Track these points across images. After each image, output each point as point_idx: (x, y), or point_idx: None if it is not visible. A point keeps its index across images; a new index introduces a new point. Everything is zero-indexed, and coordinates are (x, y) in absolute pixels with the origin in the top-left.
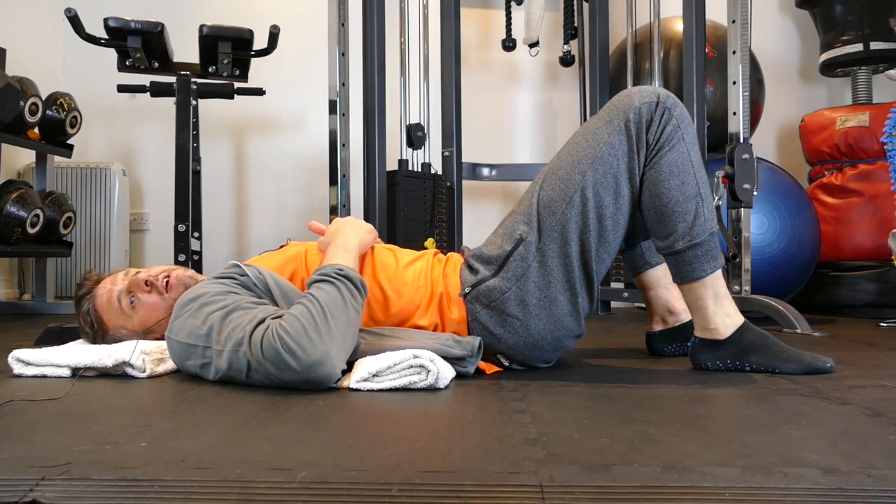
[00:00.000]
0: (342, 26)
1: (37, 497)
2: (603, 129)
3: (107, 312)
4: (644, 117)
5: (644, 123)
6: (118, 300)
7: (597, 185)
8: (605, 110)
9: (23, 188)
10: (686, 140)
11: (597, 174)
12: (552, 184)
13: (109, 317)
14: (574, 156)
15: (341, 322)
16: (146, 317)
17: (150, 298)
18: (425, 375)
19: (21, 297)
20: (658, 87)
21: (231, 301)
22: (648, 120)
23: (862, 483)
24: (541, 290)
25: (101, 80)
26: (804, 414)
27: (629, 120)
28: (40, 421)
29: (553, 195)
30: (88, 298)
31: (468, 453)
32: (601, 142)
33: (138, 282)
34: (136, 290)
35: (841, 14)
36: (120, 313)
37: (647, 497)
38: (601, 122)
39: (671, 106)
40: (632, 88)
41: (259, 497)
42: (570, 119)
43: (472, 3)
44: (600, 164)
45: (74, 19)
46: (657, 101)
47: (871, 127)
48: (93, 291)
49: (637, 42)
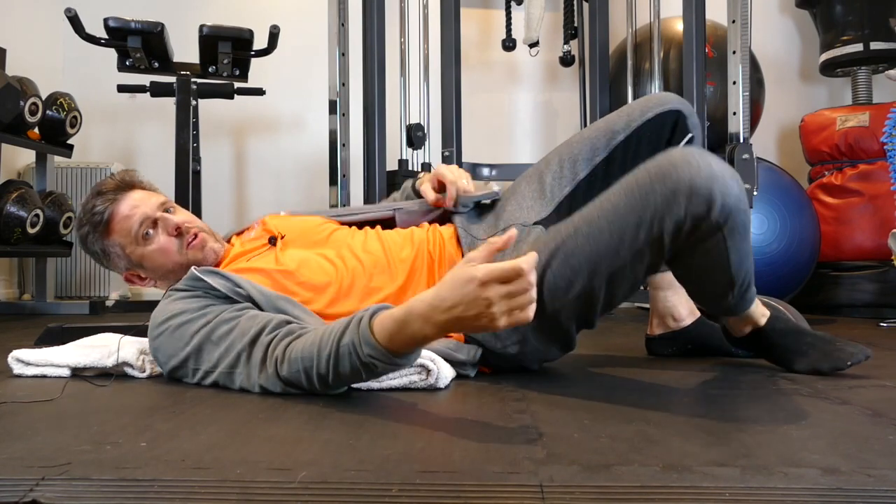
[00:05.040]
0: (342, 26)
1: (37, 497)
2: (631, 226)
3: (120, 223)
4: (686, 227)
5: (684, 233)
6: (138, 222)
7: (612, 285)
8: (641, 189)
9: (23, 188)
10: (730, 247)
11: (614, 277)
12: (562, 271)
13: (119, 228)
14: (592, 245)
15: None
16: (150, 257)
17: (168, 244)
18: (425, 375)
19: (21, 297)
20: (717, 169)
21: (212, 317)
22: (689, 230)
23: (862, 483)
24: (537, 340)
25: (101, 80)
26: (804, 414)
27: (664, 230)
28: (40, 421)
29: (560, 284)
30: (111, 199)
31: (468, 453)
32: (625, 246)
33: (169, 222)
34: (161, 226)
35: (841, 14)
36: (129, 234)
37: (647, 497)
38: (632, 210)
39: (725, 218)
40: (682, 161)
41: (259, 497)
42: (570, 119)
43: (472, 3)
44: (620, 272)
45: (74, 19)
46: (707, 212)
47: (871, 127)
48: (119, 196)
49: (637, 42)
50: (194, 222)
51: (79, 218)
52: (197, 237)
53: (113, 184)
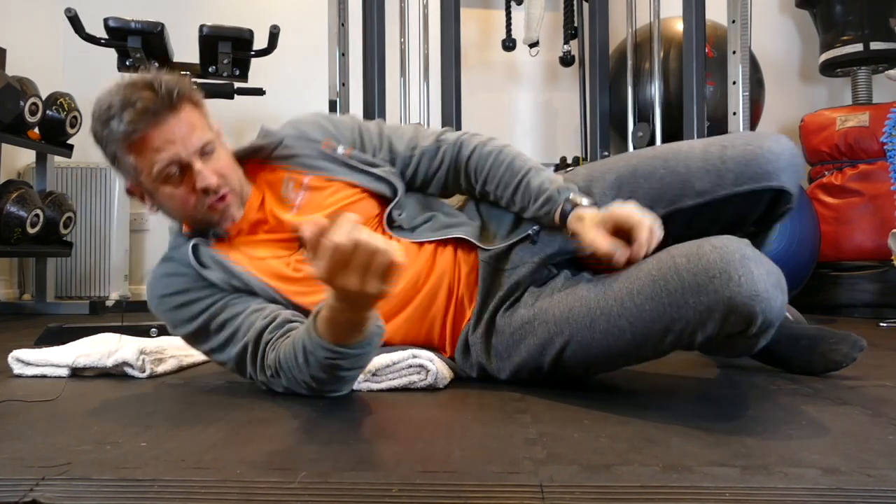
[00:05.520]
0: (342, 26)
1: (37, 497)
2: (657, 332)
3: (146, 152)
4: (719, 337)
5: (716, 340)
6: (166, 162)
7: (631, 362)
8: (671, 298)
9: (23, 188)
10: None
11: (633, 360)
12: (578, 357)
13: (143, 155)
14: (611, 341)
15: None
16: (163, 197)
17: (188, 198)
18: (424, 375)
19: (21, 297)
20: (761, 284)
21: (213, 303)
22: (722, 339)
23: (862, 483)
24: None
25: (101, 81)
26: (804, 414)
27: (694, 340)
28: (40, 421)
29: (577, 367)
30: (149, 118)
31: (468, 453)
32: (648, 346)
33: (200, 178)
34: (189, 177)
35: (841, 14)
36: (150, 167)
37: (647, 497)
38: (659, 318)
39: (763, 331)
40: (721, 271)
41: (259, 497)
42: (570, 119)
43: (472, 3)
44: (641, 357)
45: (74, 19)
46: (745, 329)
47: (871, 127)
48: (159, 118)
49: (637, 42)
50: (228, 179)
51: (103, 109)
52: (223, 200)
53: (156, 98)
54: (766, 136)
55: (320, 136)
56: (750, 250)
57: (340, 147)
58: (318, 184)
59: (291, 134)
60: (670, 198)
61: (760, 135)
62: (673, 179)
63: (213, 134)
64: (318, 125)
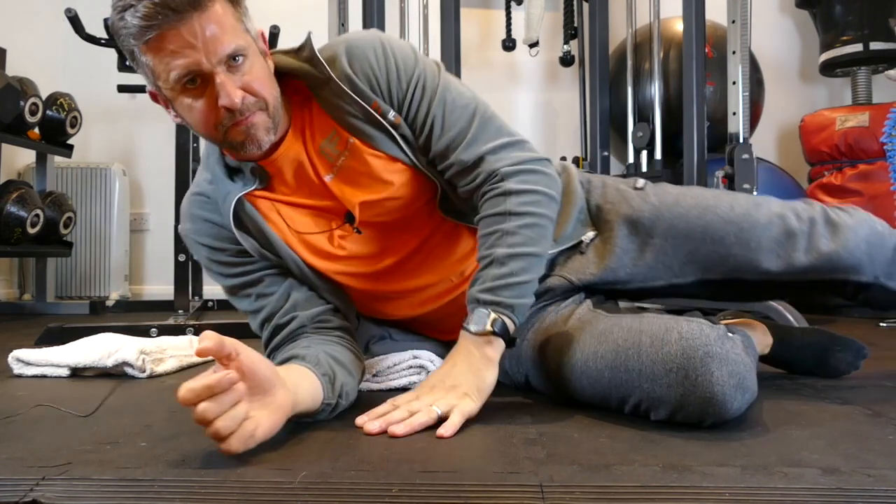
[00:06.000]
0: (342, 26)
1: (37, 497)
2: (615, 397)
3: (161, 52)
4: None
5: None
6: (182, 69)
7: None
8: (630, 370)
9: (23, 188)
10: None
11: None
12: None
13: (158, 55)
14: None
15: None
16: (182, 108)
17: (209, 114)
18: (424, 375)
19: (21, 297)
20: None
21: (243, 273)
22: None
23: (862, 483)
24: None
25: (101, 80)
26: (804, 414)
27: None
28: (40, 421)
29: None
30: (168, 13)
31: (468, 453)
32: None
33: (223, 92)
34: (211, 90)
35: (841, 14)
36: (166, 70)
37: (647, 497)
38: (620, 388)
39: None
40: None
41: (259, 497)
42: (570, 119)
43: (472, 3)
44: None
45: (74, 19)
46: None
47: (871, 127)
48: (182, 16)
49: (637, 42)
50: (261, 94)
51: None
52: (249, 120)
53: None
54: (846, 227)
55: (370, 92)
56: (718, 345)
57: (392, 113)
58: (359, 149)
59: (344, 73)
60: (731, 268)
61: (840, 225)
62: (741, 252)
63: (249, 39)
64: (370, 73)
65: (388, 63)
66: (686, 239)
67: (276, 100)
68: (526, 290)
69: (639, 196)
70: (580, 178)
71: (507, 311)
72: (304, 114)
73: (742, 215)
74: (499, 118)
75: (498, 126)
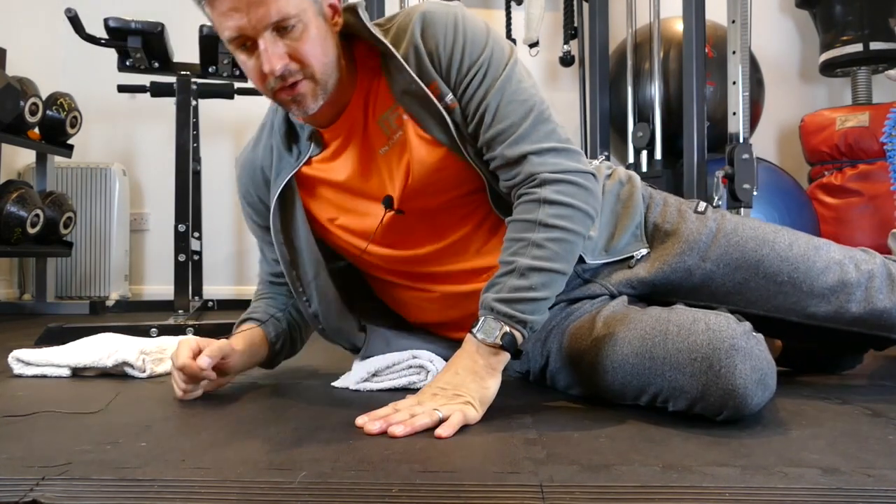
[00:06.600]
0: None
1: (37, 497)
2: (634, 386)
3: (216, 11)
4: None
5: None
6: (231, 30)
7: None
8: (655, 358)
9: (23, 188)
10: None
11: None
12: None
13: (214, 13)
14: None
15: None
16: (242, 67)
17: (255, 74)
18: (424, 375)
19: (21, 297)
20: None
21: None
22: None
23: (862, 483)
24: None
25: (101, 80)
26: (804, 414)
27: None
28: (40, 421)
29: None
30: None
31: (468, 453)
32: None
33: (265, 59)
34: (256, 54)
35: (841, 14)
36: (220, 29)
37: (647, 497)
38: (641, 376)
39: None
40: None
41: (259, 497)
42: (571, 119)
43: (472, 3)
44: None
45: (74, 19)
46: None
47: (871, 127)
48: None
49: (637, 42)
50: (307, 60)
51: None
52: (295, 89)
53: None
54: None
55: (431, 67)
56: (743, 340)
57: (449, 96)
58: (412, 130)
59: (413, 42)
60: (776, 306)
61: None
62: (791, 292)
63: (306, 3)
64: (435, 49)
65: (455, 44)
66: (738, 269)
67: (325, 66)
68: (542, 306)
69: (698, 220)
70: (643, 191)
71: (518, 326)
72: (371, 82)
73: (800, 256)
74: (555, 122)
75: (551, 129)
